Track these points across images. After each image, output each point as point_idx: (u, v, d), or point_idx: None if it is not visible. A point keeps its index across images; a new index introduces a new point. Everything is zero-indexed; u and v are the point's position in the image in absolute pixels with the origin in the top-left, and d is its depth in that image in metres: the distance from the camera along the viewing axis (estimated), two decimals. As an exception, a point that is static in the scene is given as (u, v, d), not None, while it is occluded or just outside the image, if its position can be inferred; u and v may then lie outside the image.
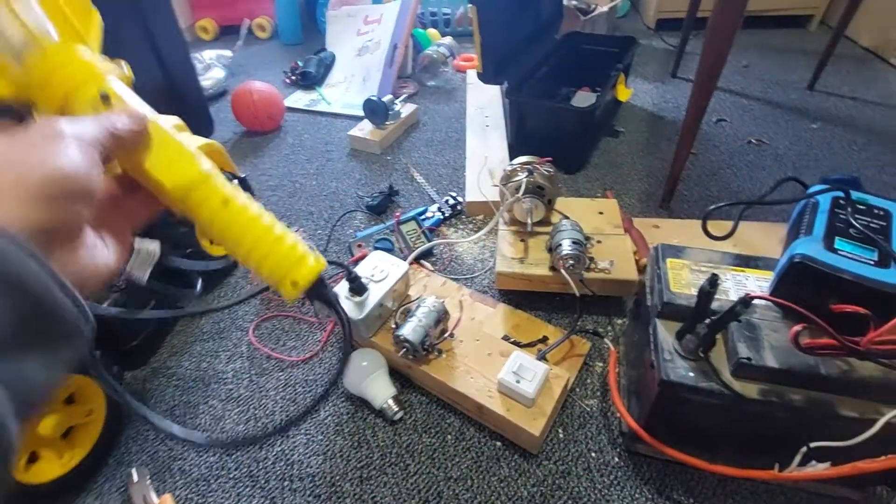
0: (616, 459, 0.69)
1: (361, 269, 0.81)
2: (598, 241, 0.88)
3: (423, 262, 1.00)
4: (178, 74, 1.31)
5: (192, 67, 1.39)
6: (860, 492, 0.62)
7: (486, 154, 1.24)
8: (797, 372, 0.50)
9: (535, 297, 0.91)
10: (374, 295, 0.77)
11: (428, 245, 0.99)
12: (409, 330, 0.73)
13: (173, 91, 1.31)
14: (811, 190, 0.61)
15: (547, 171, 0.88)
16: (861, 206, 0.57)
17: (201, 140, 0.99)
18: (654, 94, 1.56)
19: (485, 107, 1.45)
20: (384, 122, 1.38)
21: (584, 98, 1.28)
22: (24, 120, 0.33)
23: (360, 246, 0.99)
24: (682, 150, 1.01)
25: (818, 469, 0.51)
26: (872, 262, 0.50)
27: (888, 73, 1.59)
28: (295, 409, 0.78)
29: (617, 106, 1.47)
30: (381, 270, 0.80)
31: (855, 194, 0.58)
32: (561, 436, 0.72)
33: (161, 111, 0.35)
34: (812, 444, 0.50)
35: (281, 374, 0.84)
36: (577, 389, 0.77)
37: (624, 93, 1.31)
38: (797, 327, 0.46)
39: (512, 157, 0.95)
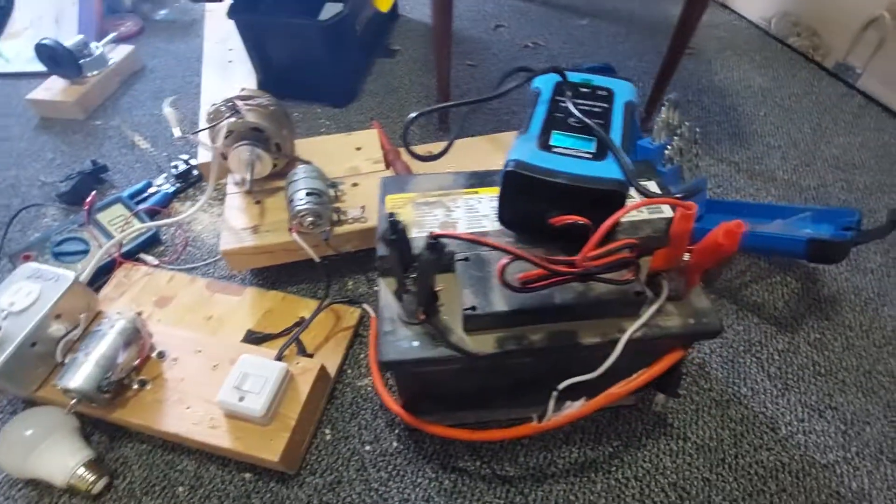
0: (395, 444, 0.57)
1: (-9, 298, 0.54)
2: (355, 185, 0.72)
3: (143, 256, 0.74)
4: None
5: None
6: (636, 394, 0.59)
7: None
8: (531, 309, 0.40)
9: (295, 267, 0.72)
10: (14, 333, 0.51)
11: (131, 233, 0.73)
12: (74, 373, 0.50)
13: None
14: (537, 81, 0.50)
15: (264, 105, 0.66)
16: (585, 90, 0.47)
17: None
18: (428, 4, 1.40)
19: (228, 39, 1.15)
20: (79, 73, 1.01)
21: (333, 10, 1.06)
22: None
23: (27, 257, 0.69)
24: (442, 62, 0.87)
25: (574, 409, 0.43)
26: (589, 156, 0.40)
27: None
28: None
29: (391, 21, 1.28)
30: (28, 293, 0.54)
31: (577, 75, 0.49)
32: (328, 437, 0.57)
33: None
34: (560, 387, 0.42)
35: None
36: (350, 370, 0.63)
37: (384, 1, 1.12)
38: (502, 262, 0.34)
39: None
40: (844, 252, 0.58)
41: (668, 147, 0.69)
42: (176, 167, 0.86)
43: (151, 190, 0.84)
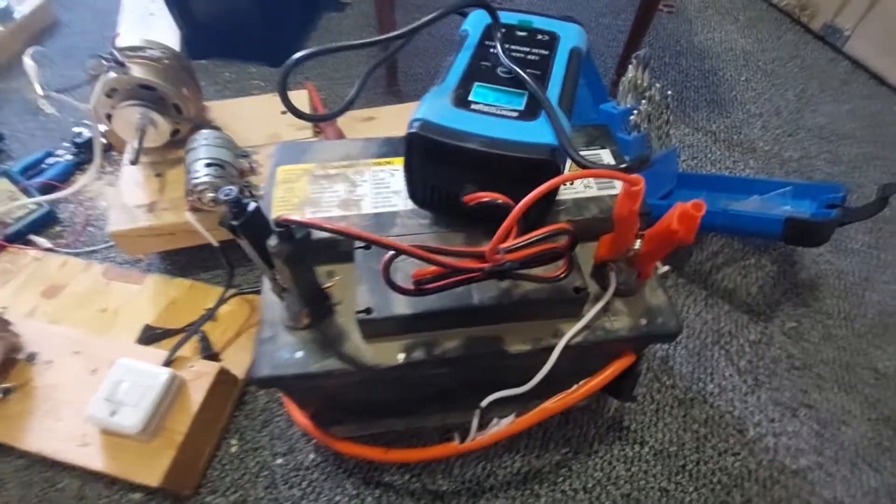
0: (311, 456, 0.49)
1: None
2: (276, 155, 0.62)
3: (34, 238, 0.64)
4: None
5: None
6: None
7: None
8: (442, 311, 0.32)
9: (210, 251, 0.63)
10: None
11: (12, 210, 0.63)
12: None
13: None
14: (466, 21, 0.41)
15: (156, 58, 0.56)
16: (522, 34, 0.38)
17: None
18: (391, -46, 1.26)
19: (152, -12, 1.01)
20: (-28, 27, 0.87)
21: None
22: None
23: None
24: (385, 12, 0.76)
25: (501, 427, 0.36)
26: (516, 115, 0.31)
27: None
28: None
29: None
30: None
31: (514, 16, 0.39)
32: (234, 449, 0.50)
33: None
34: (483, 404, 0.34)
35: None
36: (267, 371, 0.55)
37: (329, -54, 0.99)
38: (386, 257, 0.26)
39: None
40: (827, 233, 0.51)
41: (635, 112, 0.60)
42: (80, 135, 0.75)
43: (49, 161, 0.73)
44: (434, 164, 0.31)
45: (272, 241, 0.25)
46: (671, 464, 0.50)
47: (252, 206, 0.25)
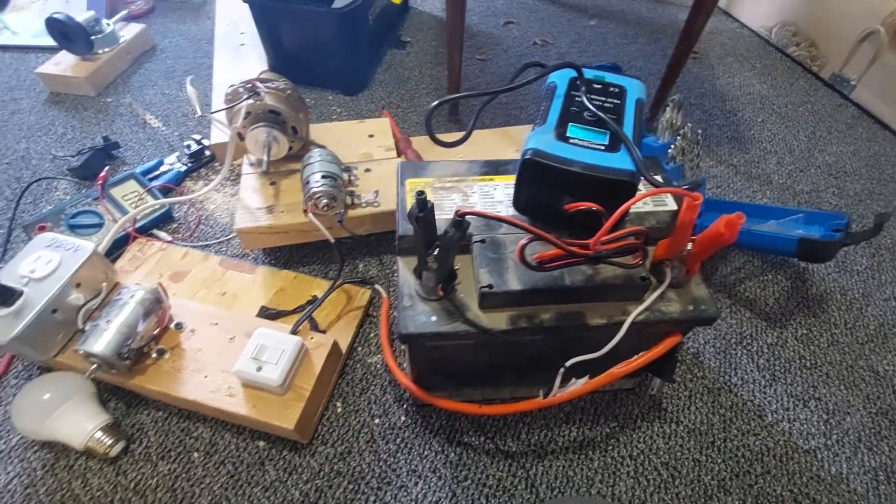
0: (403, 418, 0.59)
1: (16, 266, 0.55)
2: (368, 170, 0.74)
3: (156, 232, 0.76)
4: None
5: None
6: (634, 379, 0.62)
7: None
8: (543, 289, 0.42)
9: (306, 249, 0.74)
10: (35, 299, 0.53)
11: (146, 209, 0.75)
12: (96, 339, 0.52)
13: None
14: (552, 76, 0.53)
15: (281, 89, 0.68)
16: (597, 86, 0.50)
17: None
18: (441, -3, 1.41)
19: (240, 21, 1.16)
20: (90, 50, 1.01)
21: None
22: None
23: (42, 228, 0.70)
24: (454, 55, 0.89)
25: (578, 386, 0.46)
26: (603, 148, 0.43)
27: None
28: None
29: (403, 13, 1.30)
30: (49, 261, 0.56)
31: (590, 72, 0.51)
32: (339, 409, 0.60)
33: None
34: (567, 363, 0.44)
35: (-70, 437, 0.57)
36: (360, 348, 0.65)
37: (396, -8, 1.14)
38: (522, 242, 0.37)
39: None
40: (833, 252, 0.61)
41: (672, 146, 0.71)
42: (189, 147, 0.87)
43: (163, 168, 0.85)
44: (541, 182, 0.43)
45: (450, 229, 0.36)
46: (702, 440, 0.59)
47: (430, 203, 0.36)
